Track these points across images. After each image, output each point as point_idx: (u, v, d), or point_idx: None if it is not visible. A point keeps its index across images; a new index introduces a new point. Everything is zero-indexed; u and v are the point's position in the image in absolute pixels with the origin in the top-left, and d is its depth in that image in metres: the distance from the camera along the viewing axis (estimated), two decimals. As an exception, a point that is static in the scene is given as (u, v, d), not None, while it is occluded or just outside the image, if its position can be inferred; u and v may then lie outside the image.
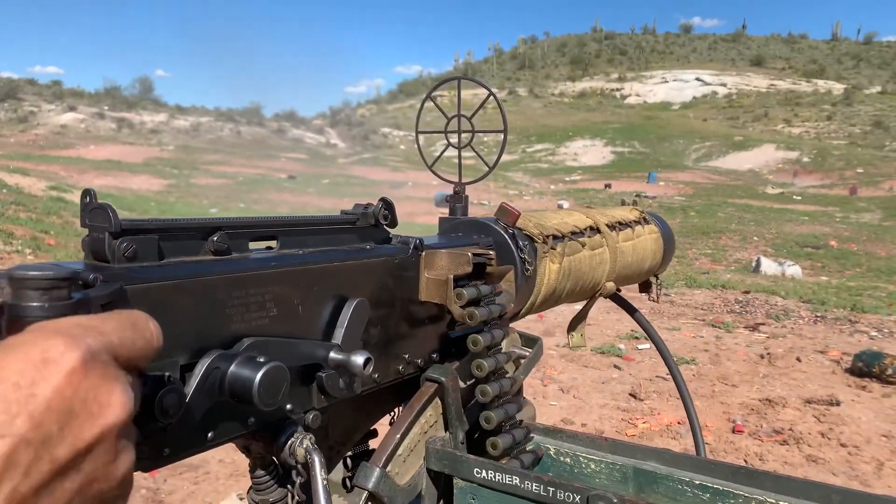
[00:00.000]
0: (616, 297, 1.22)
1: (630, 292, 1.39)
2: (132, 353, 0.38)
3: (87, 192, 0.48)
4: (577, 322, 1.18)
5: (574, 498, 0.63)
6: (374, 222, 0.69)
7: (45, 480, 0.31)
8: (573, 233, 0.99)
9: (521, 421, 0.83)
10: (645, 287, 1.34)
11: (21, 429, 0.30)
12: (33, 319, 0.36)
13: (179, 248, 0.52)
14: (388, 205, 0.70)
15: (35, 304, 0.37)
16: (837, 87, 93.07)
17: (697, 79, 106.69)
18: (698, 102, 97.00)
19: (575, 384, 4.87)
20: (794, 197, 32.04)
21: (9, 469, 0.29)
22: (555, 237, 0.95)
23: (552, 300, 0.98)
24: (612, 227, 1.10)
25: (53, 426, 0.31)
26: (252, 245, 0.59)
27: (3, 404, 0.30)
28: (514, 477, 0.67)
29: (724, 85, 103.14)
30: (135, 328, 0.39)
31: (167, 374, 0.46)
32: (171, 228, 0.51)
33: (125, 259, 0.47)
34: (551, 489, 0.64)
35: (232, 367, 0.51)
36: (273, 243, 0.61)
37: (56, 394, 0.32)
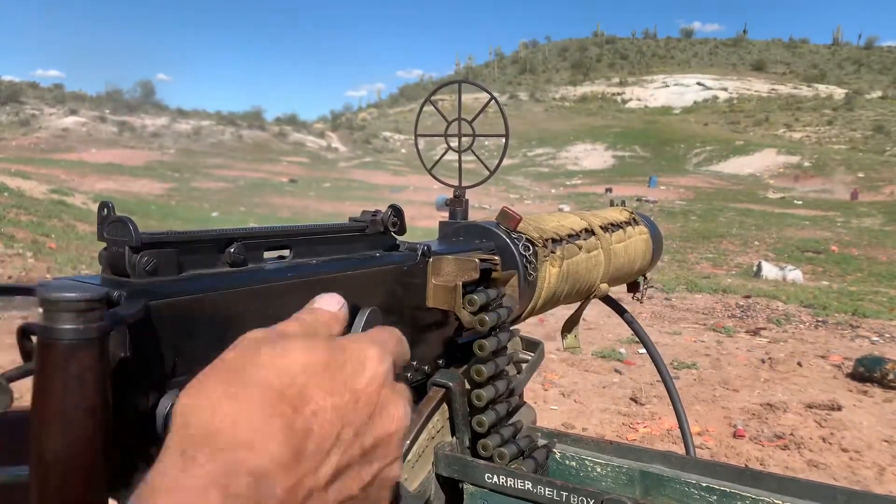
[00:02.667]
0: (606, 299, 1.23)
1: (621, 295, 1.40)
2: (403, 366, 0.44)
3: (104, 205, 0.47)
4: (571, 324, 1.18)
5: (588, 502, 0.62)
6: (383, 229, 0.69)
7: (355, 460, 0.37)
8: (570, 235, 1.00)
9: (515, 421, 0.83)
10: (633, 287, 1.35)
11: (346, 411, 0.37)
12: (68, 342, 0.36)
13: (197, 260, 0.51)
14: (397, 211, 0.70)
15: (70, 326, 0.36)
16: (838, 92, 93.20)
17: (698, 83, 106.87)
18: (699, 107, 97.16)
19: (576, 388, 4.87)
20: (795, 201, 32.05)
21: (337, 444, 0.36)
22: (554, 240, 0.95)
23: (551, 303, 0.99)
24: (605, 228, 1.11)
25: (365, 416, 0.38)
26: (266, 254, 0.58)
27: (341, 384, 0.37)
28: (526, 482, 0.66)
29: (725, 89, 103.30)
30: (402, 344, 0.45)
31: None
32: (190, 241, 0.50)
33: (146, 273, 0.46)
34: (564, 494, 0.64)
35: None
36: (285, 252, 0.61)
37: (370, 390, 0.38)
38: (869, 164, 46.75)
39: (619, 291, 1.28)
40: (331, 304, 0.46)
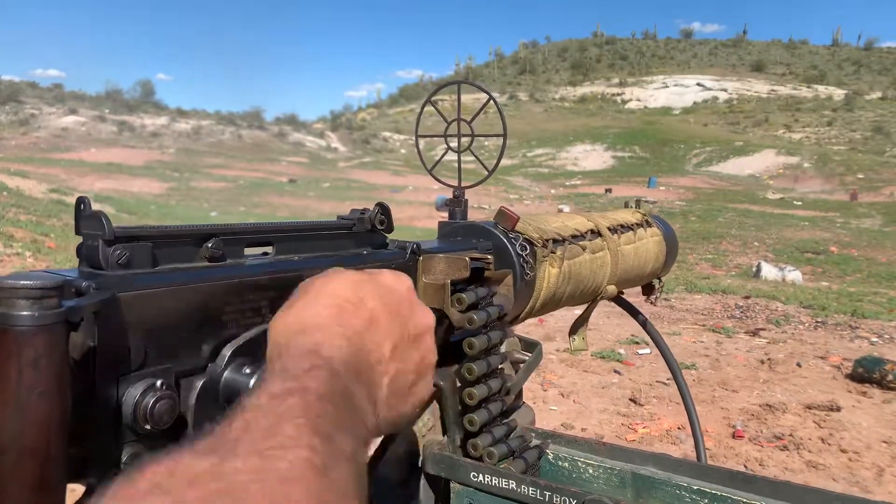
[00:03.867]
0: (619, 300, 1.22)
1: (632, 297, 1.39)
2: None
3: (80, 200, 0.48)
4: (578, 325, 1.18)
5: (570, 502, 0.62)
6: (371, 227, 0.69)
7: (406, 343, 0.51)
8: (573, 236, 0.99)
9: (510, 420, 0.83)
10: (648, 289, 1.34)
11: (393, 307, 0.51)
12: (22, 329, 0.36)
13: (174, 254, 0.52)
14: (384, 210, 0.70)
15: (25, 313, 0.37)
16: (838, 93, 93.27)
17: (698, 84, 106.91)
18: (699, 107, 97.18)
19: (575, 389, 4.87)
20: (795, 202, 32.05)
21: (391, 329, 0.49)
22: (555, 241, 0.95)
23: (552, 304, 0.98)
24: (613, 230, 1.09)
25: (407, 311, 0.52)
26: (248, 251, 0.59)
27: (386, 290, 0.51)
28: (510, 481, 0.66)
29: (724, 90, 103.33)
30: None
31: (160, 381, 0.47)
32: (165, 235, 0.51)
33: (119, 266, 0.47)
34: (548, 493, 0.64)
35: (226, 374, 0.51)
36: (269, 249, 0.61)
37: (406, 294, 0.53)
38: (868, 165, 46.75)
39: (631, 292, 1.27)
40: None
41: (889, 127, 66.00)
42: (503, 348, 0.83)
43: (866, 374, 4.97)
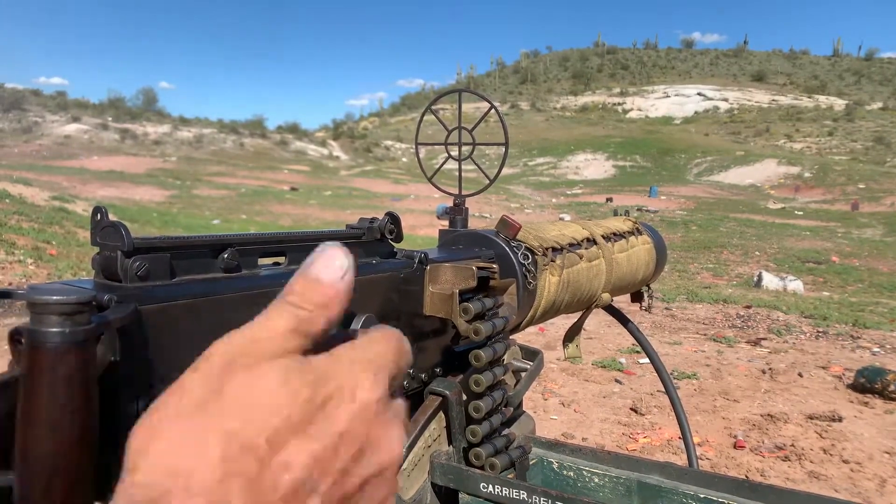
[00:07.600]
0: (609, 308, 1.22)
1: (625, 304, 1.38)
2: (402, 378, 0.38)
3: (97, 210, 0.48)
4: (572, 334, 1.18)
5: None
6: (380, 237, 0.69)
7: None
8: (571, 245, 0.99)
9: (508, 432, 0.83)
10: (637, 297, 1.34)
11: (325, 458, 0.31)
12: (55, 345, 0.36)
13: (190, 265, 0.51)
14: (394, 219, 0.70)
15: (56, 329, 0.36)
16: (839, 103, 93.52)
17: (699, 94, 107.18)
18: (700, 117, 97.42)
19: (576, 398, 4.85)
20: (796, 212, 32.05)
21: (313, 497, 0.30)
22: (554, 249, 0.95)
23: (551, 312, 0.98)
24: (607, 238, 1.10)
25: (348, 458, 0.32)
26: (261, 261, 0.58)
27: (312, 427, 0.31)
28: (521, 492, 0.66)
29: (725, 100, 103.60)
30: (403, 351, 0.38)
31: None
32: (183, 246, 0.50)
33: (138, 278, 0.46)
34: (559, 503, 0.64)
35: None
36: (281, 259, 0.60)
37: (358, 427, 0.32)
38: (869, 175, 46.78)
39: (621, 301, 1.27)
40: (332, 272, 0.36)
41: (890, 137, 66.13)
42: (506, 359, 0.83)
43: (868, 384, 4.95)
